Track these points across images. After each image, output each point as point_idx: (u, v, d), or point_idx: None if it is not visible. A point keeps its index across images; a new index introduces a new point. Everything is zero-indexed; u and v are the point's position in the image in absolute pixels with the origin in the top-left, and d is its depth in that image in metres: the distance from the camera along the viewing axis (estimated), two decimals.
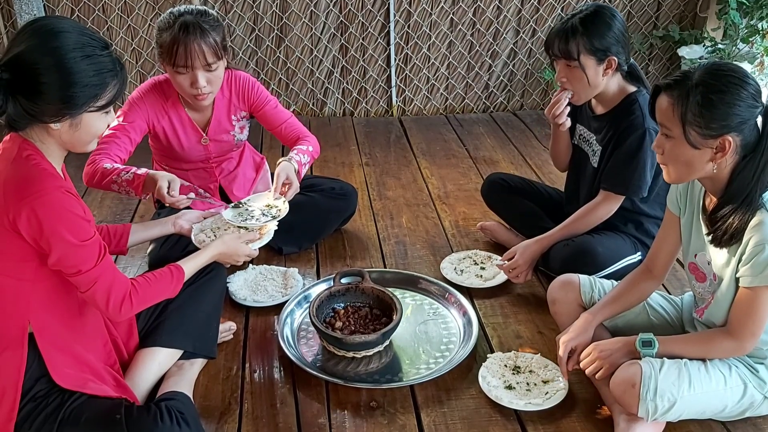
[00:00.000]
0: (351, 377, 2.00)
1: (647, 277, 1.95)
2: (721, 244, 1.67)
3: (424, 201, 3.18)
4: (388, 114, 4.40)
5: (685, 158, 1.63)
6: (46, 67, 1.43)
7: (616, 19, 2.16)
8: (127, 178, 2.08)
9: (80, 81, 1.46)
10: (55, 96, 1.45)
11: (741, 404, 1.74)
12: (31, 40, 1.44)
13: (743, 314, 1.66)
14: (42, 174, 1.49)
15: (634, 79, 2.27)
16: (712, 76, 1.57)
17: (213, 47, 2.13)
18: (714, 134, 1.57)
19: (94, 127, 1.55)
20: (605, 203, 2.30)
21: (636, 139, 2.19)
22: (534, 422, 1.86)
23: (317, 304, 2.14)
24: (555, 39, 2.17)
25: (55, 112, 1.47)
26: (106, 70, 1.50)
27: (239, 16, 4.07)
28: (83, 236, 1.52)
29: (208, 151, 2.45)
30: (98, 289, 1.56)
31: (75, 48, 1.45)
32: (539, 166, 3.57)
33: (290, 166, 2.29)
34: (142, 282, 1.67)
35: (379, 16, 4.15)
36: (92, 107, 1.51)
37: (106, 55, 1.51)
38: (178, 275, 1.76)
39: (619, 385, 1.72)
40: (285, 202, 2.21)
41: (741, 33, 3.86)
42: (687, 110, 1.57)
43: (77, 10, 3.92)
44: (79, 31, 1.49)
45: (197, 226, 2.10)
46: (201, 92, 2.20)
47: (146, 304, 1.69)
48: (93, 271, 1.54)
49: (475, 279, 2.47)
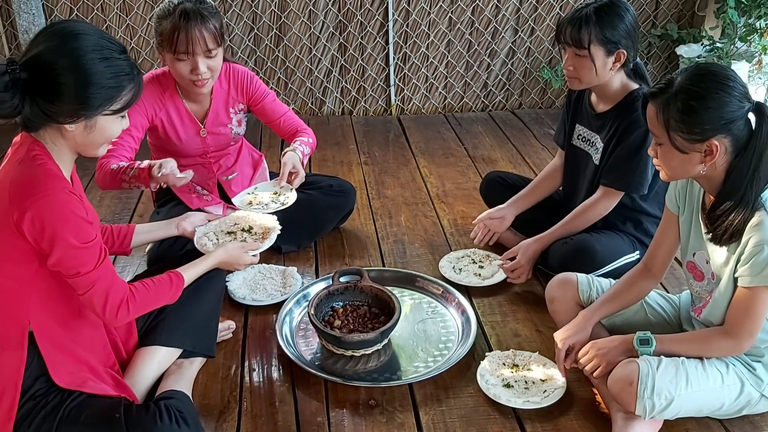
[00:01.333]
0: (350, 376, 2.01)
1: (646, 275, 1.95)
2: (721, 243, 1.67)
3: (423, 200, 3.19)
4: (386, 113, 4.40)
5: (675, 162, 1.65)
6: (63, 68, 1.45)
7: (629, 14, 2.16)
8: (134, 174, 2.13)
9: (97, 82, 1.48)
10: (71, 96, 1.46)
11: (738, 402, 1.74)
12: (50, 41, 1.46)
13: (741, 314, 1.66)
14: (47, 175, 1.50)
15: (638, 77, 2.27)
16: (692, 81, 1.58)
17: (213, 33, 2.16)
18: (699, 138, 1.58)
19: (109, 131, 1.57)
20: (605, 199, 2.30)
21: (639, 135, 2.20)
22: (532, 420, 1.86)
23: (316, 302, 2.15)
24: (567, 26, 2.16)
25: (70, 112, 1.49)
26: (123, 73, 1.52)
27: (238, 15, 4.07)
28: (85, 238, 1.52)
29: (206, 145, 2.46)
30: (96, 292, 1.56)
31: (93, 50, 1.47)
32: (538, 164, 3.58)
33: (296, 156, 2.36)
34: (140, 288, 1.66)
35: (378, 15, 4.15)
36: (108, 110, 1.53)
37: (124, 59, 1.53)
38: (178, 282, 1.77)
39: (616, 383, 1.73)
40: (292, 190, 2.31)
41: (739, 32, 3.87)
42: (669, 117, 1.59)
43: (76, 9, 3.92)
44: (98, 34, 1.52)
45: (201, 230, 2.11)
46: (201, 78, 2.21)
47: (144, 310, 1.69)
48: (92, 273, 1.54)
49: (473, 278, 2.48)
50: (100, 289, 1.56)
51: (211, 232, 2.11)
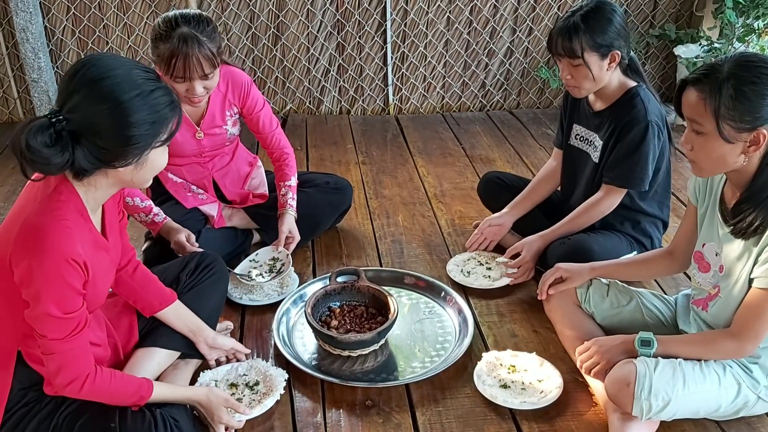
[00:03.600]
0: (347, 376, 2.00)
1: (667, 258, 1.99)
2: (746, 236, 1.64)
3: (421, 199, 3.18)
4: (384, 112, 4.40)
5: (718, 153, 1.59)
6: (104, 114, 1.40)
7: (617, 14, 2.16)
8: (146, 221, 2.33)
9: (141, 121, 1.43)
10: (119, 140, 1.42)
11: (735, 404, 1.74)
12: (83, 86, 1.40)
13: (751, 315, 1.65)
14: (57, 233, 1.43)
15: (633, 71, 2.27)
16: (742, 67, 1.54)
17: (210, 58, 2.13)
18: (748, 127, 1.54)
19: (158, 162, 1.54)
20: (608, 197, 2.31)
21: (639, 132, 2.20)
22: (529, 421, 1.86)
23: (313, 302, 2.14)
24: (558, 38, 2.16)
25: (123, 154, 1.44)
26: (163, 104, 1.47)
27: (235, 14, 4.06)
28: (67, 309, 1.46)
29: (201, 146, 2.45)
30: (53, 360, 1.49)
31: (129, 89, 1.42)
32: (535, 164, 3.57)
33: (291, 219, 2.46)
34: (106, 375, 1.56)
35: (376, 15, 4.15)
36: (157, 143, 1.49)
37: (160, 88, 1.48)
38: (143, 393, 1.61)
39: (613, 384, 1.73)
40: (288, 256, 2.42)
41: (737, 32, 3.86)
42: (720, 104, 1.53)
43: (73, 8, 3.91)
44: (129, 67, 1.46)
45: (207, 374, 1.96)
46: (196, 97, 2.22)
47: (97, 397, 1.56)
48: (57, 343, 1.47)
49: (483, 280, 2.46)
50: (57, 360, 1.49)
51: (217, 380, 1.96)
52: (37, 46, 3.85)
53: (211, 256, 2.10)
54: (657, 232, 2.40)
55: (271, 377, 1.94)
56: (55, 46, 4.00)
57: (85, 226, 1.52)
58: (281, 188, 2.51)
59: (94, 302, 1.61)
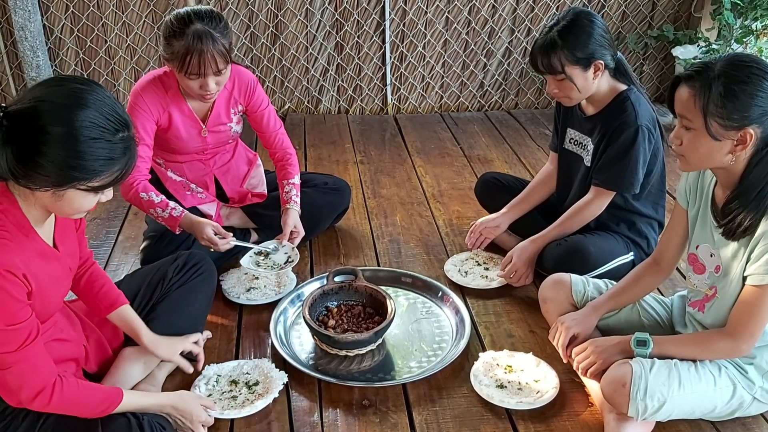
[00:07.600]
0: (344, 376, 2.01)
1: (654, 270, 1.96)
2: (735, 237, 1.65)
3: (419, 199, 3.19)
4: (383, 112, 4.40)
5: (705, 149, 1.60)
6: (53, 137, 1.33)
7: (595, 23, 2.14)
8: (163, 216, 2.25)
9: (80, 163, 1.36)
10: (49, 168, 1.35)
11: (730, 405, 1.75)
12: (53, 99, 1.35)
13: (745, 313, 1.65)
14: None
15: (620, 73, 2.27)
16: (733, 66, 1.55)
17: (224, 55, 2.15)
18: (735, 125, 1.55)
19: (77, 203, 1.44)
20: (597, 199, 2.31)
21: (629, 135, 2.20)
22: (525, 421, 1.86)
23: (310, 302, 2.15)
24: (537, 56, 2.17)
25: (38, 180, 1.38)
26: (110, 157, 1.39)
27: (234, 13, 4.06)
28: (11, 321, 1.41)
29: (205, 143, 2.46)
30: (12, 373, 1.44)
31: (90, 126, 1.35)
32: (533, 165, 3.58)
33: (296, 214, 2.43)
34: (72, 384, 1.51)
35: (375, 14, 4.15)
36: (82, 186, 1.40)
37: (119, 140, 1.40)
38: (112, 401, 1.56)
39: (609, 385, 1.73)
40: (294, 249, 2.40)
41: (735, 33, 3.87)
42: (709, 101, 1.54)
43: (72, 6, 3.91)
44: (104, 107, 1.39)
45: (202, 382, 1.95)
46: (209, 93, 2.23)
47: (64, 408, 1.51)
48: (11, 355, 1.42)
49: (481, 280, 2.47)
50: (16, 372, 1.44)
51: (220, 374, 1.98)
52: (36, 45, 3.85)
53: (199, 255, 2.09)
54: (653, 232, 2.40)
55: (272, 379, 1.95)
56: (54, 44, 4.00)
57: (25, 238, 1.48)
58: (284, 186, 2.50)
59: (46, 310, 1.58)
